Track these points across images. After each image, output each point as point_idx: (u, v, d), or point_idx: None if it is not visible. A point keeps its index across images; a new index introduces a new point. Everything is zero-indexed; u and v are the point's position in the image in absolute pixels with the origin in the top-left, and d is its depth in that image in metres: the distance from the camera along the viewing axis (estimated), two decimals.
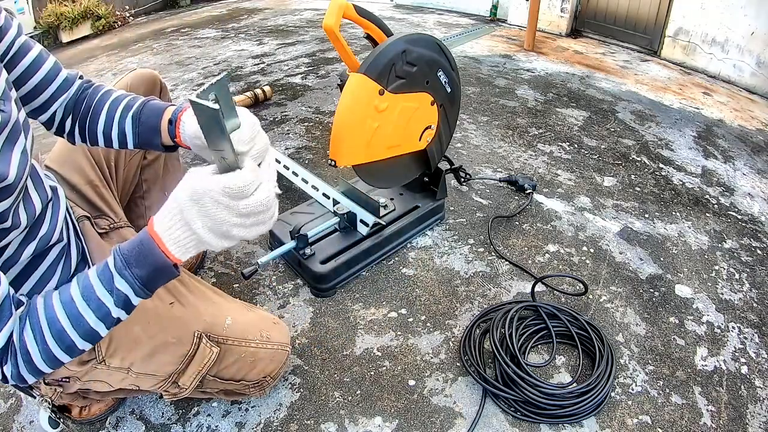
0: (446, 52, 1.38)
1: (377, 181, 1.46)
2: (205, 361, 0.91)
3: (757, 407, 1.18)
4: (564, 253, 1.63)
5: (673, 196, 1.99)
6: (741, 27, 3.14)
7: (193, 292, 0.98)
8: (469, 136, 2.36)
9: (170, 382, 0.91)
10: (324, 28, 1.16)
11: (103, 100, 0.86)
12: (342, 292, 1.44)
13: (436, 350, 1.28)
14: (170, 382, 0.91)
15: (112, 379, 0.89)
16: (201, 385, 0.95)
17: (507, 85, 3.01)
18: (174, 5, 5.53)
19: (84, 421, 1.07)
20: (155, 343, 0.88)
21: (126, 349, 0.87)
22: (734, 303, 1.48)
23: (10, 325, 0.60)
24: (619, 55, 3.80)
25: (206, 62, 3.35)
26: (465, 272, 1.53)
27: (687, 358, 1.29)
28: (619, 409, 1.15)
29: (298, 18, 4.65)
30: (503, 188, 1.96)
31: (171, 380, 0.91)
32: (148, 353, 0.88)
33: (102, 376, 0.88)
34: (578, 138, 2.40)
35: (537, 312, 1.32)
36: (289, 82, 2.98)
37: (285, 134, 2.33)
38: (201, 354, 0.91)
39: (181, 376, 0.91)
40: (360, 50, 3.42)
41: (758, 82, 3.16)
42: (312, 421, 1.10)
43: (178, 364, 0.90)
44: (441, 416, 1.12)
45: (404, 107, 1.33)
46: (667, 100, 2.96)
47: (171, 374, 0.90)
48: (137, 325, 0.87)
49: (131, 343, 0.87)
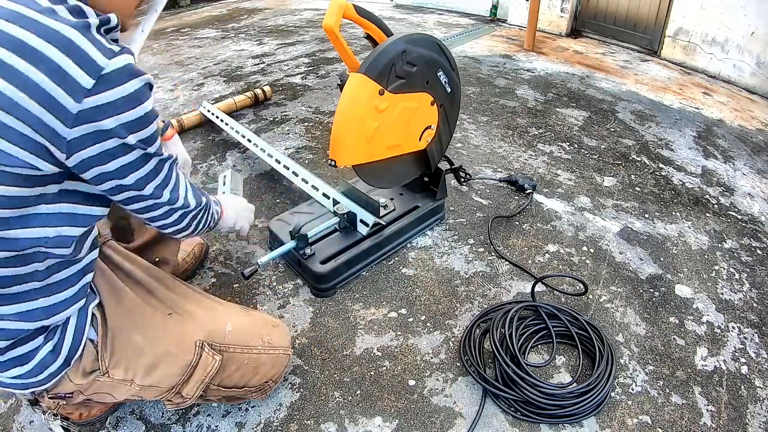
0: (446, 52, 1.38)
1: (377, 181, 1.46)
2: (208, 370, 0.90)
3: (757, 407, 1.18)
4: (564, 253, 1.63)
5: (673, 196, 1.99)
6: (741, 27, 3.14)
7: (188, 300, 0.97)
8: (469, 136, 2.36)
9: (174, 393, 0.91)
10: (324, 28, 1.16)
11: None
12: (342, 292, 1.44)
13: (436, 350, 1.28)
14: (174, 392, 0.91)
15: (117, 392, 0.89)
16: (204, 394, 0.95)
17: (507, 85, 3.01)
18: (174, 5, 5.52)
19: (84, 422, 1.07)
20: (157, 353, 0.87)
21: (128, 359, 0.86)
22: (734, 303, 1.48)
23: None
24: (619, 55, 3.80)
25: (206, 62, 3.35)
26: (465, 272, 1.53)
27: (687, 358, 1.29)
28: (619, 409, 1.15)
29: (298, 18, 4.64)
30: (503, 188, 1.96)
31: (174, 391, 0.90)
32: (150, 363, 0.87)
33: (106, 389, 0.88)
34: (578, 138, 2.40)
35: (537, 312, 1.32)
36: (289, 82, 2.98)
37: (285, 134, 2.33)
38: (204, 363, 0.90)
39: (185, 387, 0.90)
40: (360, 50, 3.42)
41: (758, 82, 3.16)
42: (312, 421, 1.10)
43: (181, 375, 0.89)
44: (441, 416, 1.12)
45: (404, 107, 1.33)
46: (667, 100, 2.96)
47: (174, 385, 0.90)
48: (138, 334, 0.87)
49: (133, 353, 0.86)
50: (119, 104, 0.66)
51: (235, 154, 2.14)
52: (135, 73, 0.68)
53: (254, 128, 2.37)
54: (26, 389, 0.81)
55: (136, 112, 0.69)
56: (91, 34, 0.66)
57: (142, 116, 0.70)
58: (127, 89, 0.67)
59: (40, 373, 0.79)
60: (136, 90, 0.68)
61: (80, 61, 0.63)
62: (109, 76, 0.65)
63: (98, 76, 0.64)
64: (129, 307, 0.88)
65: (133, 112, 0.68)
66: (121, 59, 0.67)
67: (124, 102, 0.67)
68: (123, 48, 0.69)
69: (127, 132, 0.69)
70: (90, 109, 0.64)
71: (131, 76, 0.68)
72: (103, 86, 0.64)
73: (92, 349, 0.84)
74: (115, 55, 0.66)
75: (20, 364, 0.78)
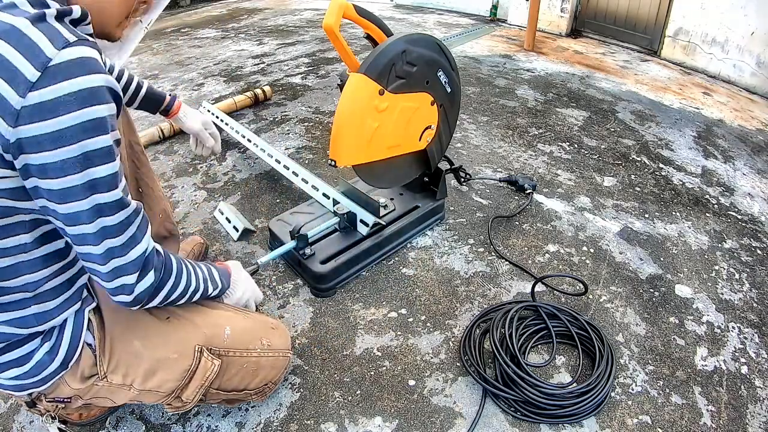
0: (446, 52, 1.38)
1: (377, 181, 1.46)
2: (208, 374, 0.90)
3: (757, 407, 1.18)
4: (564, 253, 1.63)
5: (673, 196, 1.99)
6: (741, 27, 3.14)
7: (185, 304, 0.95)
8: (469, 136, 2.36)
9: (173, 397, 0.90)
10: (324, 28, 1.16)
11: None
12: (342, 292, 1.44)
13: (436, 350, 1.28)
14: (173, 396, 0.90)
15: (116, 397, 0.88)
16: (204, 398, 0.94)
17: (507, 85, 3.01)
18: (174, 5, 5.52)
19: (83, 423, 1.07)
20: (156, 358, 0.87)
21: (127, 364, 0.85)
22: (734, 303, 1.48)
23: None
24: (619, 55, 3.80)
25: (206, 62, 3.35)
26: (465, 272, 1.53)
27: (687, 358, 1.29)
28: (619, 409, 1.15)
29: (298, 18, 4.64)
30: (503, 188, 1.96)
31: (174, 395, 0.90)
32: (149, 369, 0.86)
33: (104, 393, 0.87)
34: (578, 138, 2.40)
35: (537, 312, 1.32)
36: (289, 82, 2.98)
37: (285, 134, 2.33)
38: (203, 368, 0.89)
39: (184, 391, 0.90)
40: (360, 50, 3.42)
41: (758, 82, 3.16)
42: (312, 421, 1.10)
43: (180, 380, 0.88)
44: (441, 416, 1.12)
45: (404, 107, 1.33)
46: (667, 100, 2.96)
47: (174, 390, 0.89)
48: (137, 340, 0.86)
49: (132, 358, 0.86)
50: (67, 101, 0.57)
51: (235, 154, 2.14)
52: (91, 68, 0.59)
53: (254, 128, 2.37)
54: (24, 390, 0.81)
55: (86, 113, 0.59)
56: (45, 23, 0.59)
57: (93, 120, 0.60)
58: (80, 84, 0.58)
59: (37, 374, 0.79)
60: (87, 88, 0.59)
61: (26, 52, 0.56)
62: (57, 68, 0.57)
63: (44, 67, 0.56)
64: (127, 313, 0.87)
65: (81, 113, 0.59)
66: (75, 50, 0.58)
67: (72, 100, 0.57)
68: (83, 39, 0.61)
69: (74, 138, 0.59)
70: (34, 106, 0.56)
71: (86, 70, 0.59)
72: (50, 79, 0.56)
73: (90, 353, 0.84)
74: (68, 45, 0.58)
75: (17, 365, 0.77)
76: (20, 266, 0.71)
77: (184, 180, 1.96)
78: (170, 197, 1.84)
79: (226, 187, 1.92)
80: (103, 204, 0.66)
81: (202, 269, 0.93)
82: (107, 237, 0.69)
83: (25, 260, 0.71)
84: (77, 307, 0.82)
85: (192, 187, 1.91)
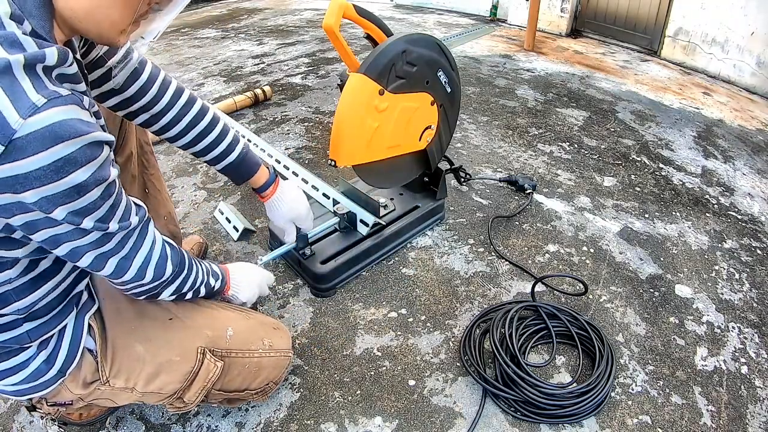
0: (446, 52, 1.38)
1: (377, 181, 1.46)
2: (210, 376, 0.90)
3: (757, 407, 1.18)
4: (564, 253, 1.63)
5: (673, 196, 1.99)
6: (741, 27, 3.14)
7: (188, 305, 0.95)
8: (469, 136, 2.36)
9: (175, 398, 0.90)
10: (324, 28, 1.16)
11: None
12: (342, 292, 1.44)
13: (436, 350, 1.28)
14: (175, 398, 0.90)
15: (118, 399, 0.88)
16: (205, 398, 0.95)
17: (507, 85, 3.01)
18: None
19: (84, 422, 1.07)
20: (159, 362, 0.87)
21: (129, 369, 0.85)
22: (734, 303, 1.48)
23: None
24: (619, 55, 3.80)
25: (206, 62, 3.35)
26: (465, 272, 1.53)
27: (687, 358, 1.29)
28: (619, 409, 1.15)
29: (298, 18, 4.64)
30: (503, 188, 1.96)
31: (176, 396, 0.90)
32: (152, 372, 0.86)
33: (107, 395, 0.87)
34: (578, 138, 2.40)
35: (537, 312, 1.32)
36: (289, 82, 2.98)
37: (285, 134, 2.33)
38: (205, 370, 0.89)
39: (186, 392, 0.90)
40: (360, 50, 3.42)
41: (758, 82, 3.16)
42: (312, 421, 1.10)
43: (182, 381, 0.88)
44: (441, 416, 1.12)
45: (404, 107, 1.33)
46: (667, 100, 2.96)
47: (176, 391, 0.89)
48: (139, 343, 0.86)
49: (134, 363, 0.85)
50: (38, 176, 0.52)
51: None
52: (62, 135, 0.53)
53: (254, 128, 2.37)
54: (22, 396, 0.81)
55: (61, 184, 0.55)
56: (8, 79, 0.51)
57: (71, 188, 0.56)
58: (48, 158, 0.52)
59: (34, 381, 0.78)
60: (62, 158, 0.53)
61: None
62: (24, 141, 0.51)
63: (8, 141, 0.50)
64: (128, 316, 0.87)
65: (57, 184, 0.54)
66: (44, 116, 0.52)
67: (44, 174, 0.53)
68: (54, 98, 0.53)
69: (52, 206, 0.56)
70: (4, 180, 0.52)
71: (55, 140, 0.52)
72: (16, 154, 0.51)
73: (91, 359, 0.83)
74: (35, 112, 0.51)
75: (13, 374, 0.77)
76: (8, 296, 0.69)
77: (184, 180, 1.96)
78: (170, 197, 1.84)
79: (226, 187, 1.92)
80: (102, 235, 0.66)
81: (201, 261, 0.94)
82: (110, 257, 0.71)
83: (12, 289, 0.69)
84: (74, 314, 0.81)
85: (192, 187, 1.91)
